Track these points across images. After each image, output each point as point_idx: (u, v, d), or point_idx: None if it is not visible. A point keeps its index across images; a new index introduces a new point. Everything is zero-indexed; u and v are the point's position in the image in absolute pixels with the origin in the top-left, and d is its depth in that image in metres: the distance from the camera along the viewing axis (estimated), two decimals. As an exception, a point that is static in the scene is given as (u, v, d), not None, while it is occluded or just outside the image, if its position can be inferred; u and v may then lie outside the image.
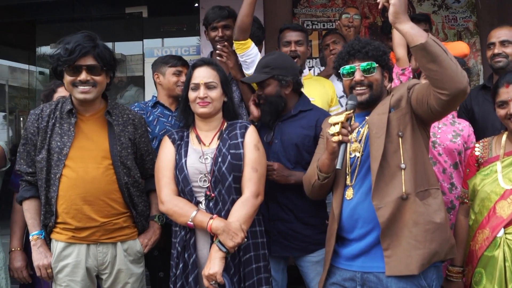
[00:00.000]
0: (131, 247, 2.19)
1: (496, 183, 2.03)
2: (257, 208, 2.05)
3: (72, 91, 2.10)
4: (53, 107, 2.17)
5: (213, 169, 2.03)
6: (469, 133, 2.57)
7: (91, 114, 2.18)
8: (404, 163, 1.86)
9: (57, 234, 2.12)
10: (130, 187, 2.17)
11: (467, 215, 2.18)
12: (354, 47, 1.99)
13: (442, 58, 1.68)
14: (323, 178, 1.98)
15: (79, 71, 2.06)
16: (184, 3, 5.19)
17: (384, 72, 2.02)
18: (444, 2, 4.77)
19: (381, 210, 1.84)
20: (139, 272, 2.23)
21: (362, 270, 1.90)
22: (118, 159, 2.13)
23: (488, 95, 2.76)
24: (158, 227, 2.31)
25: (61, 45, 2.08)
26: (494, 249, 1.97)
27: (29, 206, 2.18)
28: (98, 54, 2.08)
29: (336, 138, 1.80)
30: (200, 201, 2.03)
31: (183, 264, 2.01)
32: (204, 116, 2.12)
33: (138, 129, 2.26)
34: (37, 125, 2.13)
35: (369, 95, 1.96)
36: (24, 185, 2.21)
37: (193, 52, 5.07)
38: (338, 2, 4.84)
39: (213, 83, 2.10)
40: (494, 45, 2.83)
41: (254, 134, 2.12)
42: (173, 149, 2.12)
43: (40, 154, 2.10)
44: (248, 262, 2.03)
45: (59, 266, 2.10)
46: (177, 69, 2.82)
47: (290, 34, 3.00)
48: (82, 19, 5.71)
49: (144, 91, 5.13)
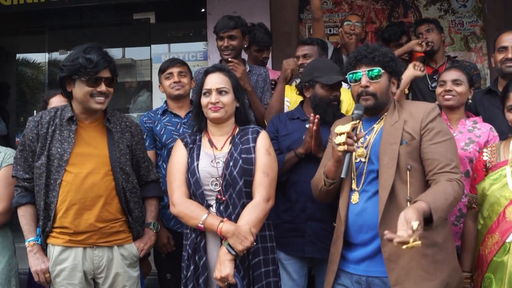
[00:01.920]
0: (128, 251, 2.22)
1: (506, 188, 2.02)
2: (268, 212, 2.06)
3: (88, 101, 2.15)
4: (52, 114, 2.22)
5: (224, 173, 2.04)
6: (488, 139, 2.49)
7: (91, 121, 2.23)
8: (410, 196, 1.84)
9: (54, 238, 2.15)
10: (127, 193, 2.21)
11: (475, 220, 2.17)
12: (361, 52, 2.00)
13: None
14: (329, 184, 2.01)
15: (99, 82, 2.13)
16: (191, 9, 5.24)
17: (392, 79, 2.02)
18: (451, 7, 4.78)
19: (385, 240, 1.81)
20: (135, 276, 2.27)
21: (367, 275, 1.91)
22: (117, 165, 2.17)
23: (494, 99, 2.76)
24: (154, 234, 2.36)
25: (76, 55, 2.12)
26: (503, 255, 1.96)
27: (24, 212, 2.20)
28: (113, 67, 2.18)
29: (341, 148, 1.83)
30: (211, 205, 2.05)
31: (194, 266, 2.03)
32: (216, 121, 2.15)
33: (135, 136, 2.32)
34: (37, 132, 2.17)
35: (374, 103, 1.97)
36: (19, 191, 2.22)
37: (200, 57, 5.10)
38: (344, 8, 4.87)
39: (224, 88, 2.13)
40: (506, 49, 2.79)
41: (265, 139, 2.14)
42: (185, 152, 2.14)
43: (40, 160, 2.14)
44: (257, 265, 2.04)
45: (56, 270, 2.13)
46: (167, 73, 2.84)
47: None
48: (90, 25, 5.77)
49: (152, 97, 5.16)
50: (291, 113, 2.59)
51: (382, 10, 4.87)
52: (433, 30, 3.44)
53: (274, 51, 4.33)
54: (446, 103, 2.56)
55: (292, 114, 2.57)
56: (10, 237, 2.53)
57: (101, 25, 5.75)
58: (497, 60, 2.84)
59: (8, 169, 2.43)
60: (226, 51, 2.95)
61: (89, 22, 5.74)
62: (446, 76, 2.59)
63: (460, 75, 2.57)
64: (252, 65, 3.25)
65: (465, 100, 2.61)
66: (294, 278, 2.42)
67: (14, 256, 2.52)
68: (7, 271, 2.43)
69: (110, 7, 5.34)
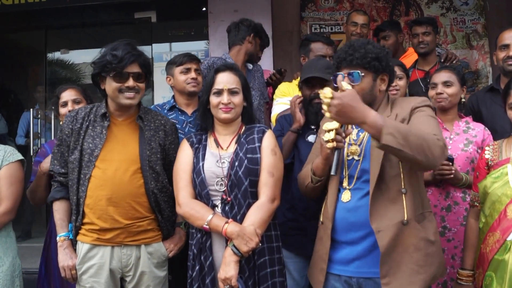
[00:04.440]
0: (156, 250, 2.21)
1: (507, 186, 2.02)
2: (273, 212, 2.06)
3: (117, 97, 2.15)
4: (88, 110, 2.24)
5: (229, 173, 2.04)
6: (483, 138, 2.51)
7: (124, 118, 2.23)
8: (405, 188, 1.83)
9: (83, 236, 2.15)
10: (157, 192, 2.19)
11: (477, 218, 2.17)
12: (340, 55, 1.95)
13: (406, 150, 1.64)
14: (316, 181, 1.99)
15: (126, 78, 2.13)
16: (193, 8, 5.24)
17: (381, 76, 1.95)
18: (453, 5, 4.77)
19: (380, 233, 1.80)
20: (162, 276, 2.24)
21: (357, 276, 1.87)
22: (147, 164, 2.16)
23: (496, 97, 2.75)
24: (184, 234, 2.32)
25: (105, 52, 2.13)
26: (504, 253, 1.96)
27: (59, 207, 2.23)
28: (142, 62, 2.16)
29: (330, 145, 1.80)
30: (216, 205, 2.05)
31: (200, 266, 2.03)
32: (225, 122, 2.13)
33: (169, 136, 2.30)
34: (72, 127, 2.19)
35: None
36: (56, 186, 2.25)
37: (202, 56, 5.09)
38: (346, 6, 4.86)
39: (236, 89, 2.11)
40: (508, 47, 2.78)
41: (271, 138, 2.13)
42: (191, 152, 2.14)
43: (73, 155, 2.16)
44: (263, 266, 2.03)
45: (84, 267, 2.13)
46: (184, 67, 2.80)
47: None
48: (91, 25, 5.78)
49: (153, 96, 5.17)
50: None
51: (384, 8, 4.86)
52: (430, 33, 3.44)
53: (275, 50, 4.34)
54: (438, 105, 2.57)
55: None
56: (13, 237, 2.52)
57: (102, 24, 5.76)
58: (499, 58, 2.83)
59: (10, 167, 2.43)
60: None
61: (90, 21, 5.74)
62: (436, 78, 2.60)
63: (450, 76, 2.57)
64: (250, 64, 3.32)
65: (458, 101, 2.61)
66: (294, 277, 2.42)
67: (17, 256, 2.51)
68: (11, 272, 2.42)
69: (112, 6, 5.35)
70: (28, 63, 6.41)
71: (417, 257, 1.80)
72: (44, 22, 5.69)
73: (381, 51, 1.94)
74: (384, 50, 1.98)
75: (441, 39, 4.63)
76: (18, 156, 2.52)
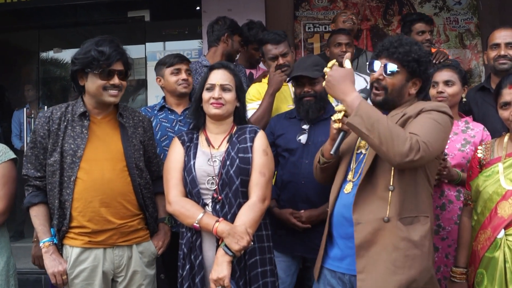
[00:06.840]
0: (146, 249, 2.20)
1: (498, 184, 2.03)
2: (264, 212, 2.06)
3: (101, 94, 2.11)
4: (63, 109, 2.17)
5: (221, 172, 2.04)
6: (482, 138, 2.46)
7: (103, 116, 2.19)
8: (393, 185, 1.78)
9: (71, 239, 2.10)
10: (142, 189, 2.18)
11: (470, 217, 2.18)
12: (384, 44, 1.93)
13: (371, 136, 1.67)
14: (322, 162, 2.02)
15: (112, 75, 2.09)
16: (186, 7, 5.23)
17: (414, 79, 1.91)
18: (446, 4, 4.79)
19: (359, 226, 1.78)
20: (152, 274, 2.24)
21: (350, 273, 1.84)
22: (132, 161, 2.14)
23: (487, 96, 2.76)
24: (169, 229, 2.32)
25: (88, 47, 2.08)
26: (494, 250, 1.97)
27: (37, 212, 2.14)
28: (126, 60, 2.15)
29: (336, 125, 1.85)
30: (207, 203, 2.04)
31: (190, 265, 2.02)
32: (216, 118, 2.13)
33: (147, 132, 2.29)
34: (48, 128, 2.12)
35: (382, 98, 1.90)
36: (31, 190, 2.16)
37: (195, 55, 5.09)
38: (340, 5, 4.87)
39: (228, 85, 2.12)
40: (499, 46, 2.78)
41: (263, 138, 2.14)
42: (182, 150, 2.13)
43: (52, 157, 2.09)
44: (254, 265, 2.03)
45: (75, 272, 2.08)
46: (174, 68, 2.79)
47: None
48: (85, 24, 5.75)
49: (147, 95, 5.16)
50: (290, 112, 2.61)
51: (377, 8, 4.88)
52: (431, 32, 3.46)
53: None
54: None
55: (291, 113, 2.60)
56: (7, 237, 2.49)
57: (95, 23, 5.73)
58: (490, 57, 2.84)
59: (2, 167, 2.38)
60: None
61: (83, 20, 5.71)
62: (438, 77, 2.55)
63: (452, 75, 2.53)
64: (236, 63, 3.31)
65: (458, 100, 2.58)
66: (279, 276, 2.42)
67: (12, 256, 2.48)
68: (6, 271, 2.39)
69: (105, 5, 5.33)
70: (21, 63, 6.38)
71: (395, 257, 1.73)
72: (37, 21, 5.67)
73: (425, 56, 1.90)
74: (428, 56, 1.94)
75: (434, 38, 4.65)
76: (10, 155, 2.46)
